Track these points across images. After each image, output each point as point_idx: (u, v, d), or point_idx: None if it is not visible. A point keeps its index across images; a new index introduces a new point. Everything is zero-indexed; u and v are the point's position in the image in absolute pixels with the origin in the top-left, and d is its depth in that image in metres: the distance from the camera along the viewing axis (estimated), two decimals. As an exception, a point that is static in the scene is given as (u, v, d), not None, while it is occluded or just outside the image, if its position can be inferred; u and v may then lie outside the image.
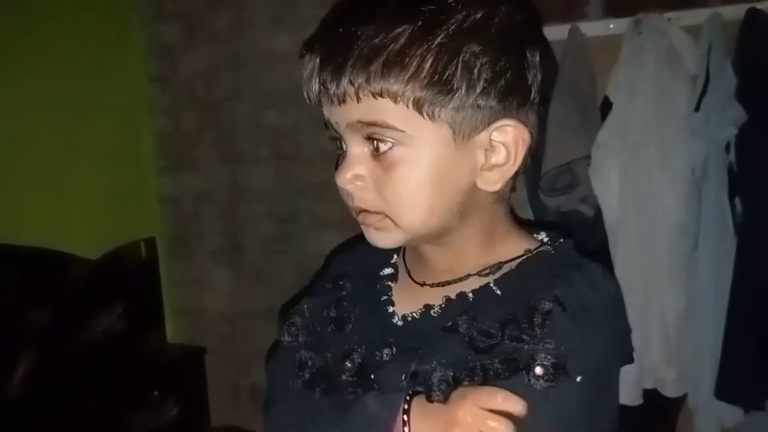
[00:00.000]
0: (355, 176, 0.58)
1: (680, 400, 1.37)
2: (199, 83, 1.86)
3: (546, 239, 0.65)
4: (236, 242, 1.89)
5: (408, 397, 0.56)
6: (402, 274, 0.68)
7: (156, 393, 1.72)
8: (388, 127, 0.55)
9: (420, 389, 0.57)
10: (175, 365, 1.88)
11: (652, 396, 1.34)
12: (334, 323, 0.67)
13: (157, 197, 1.91)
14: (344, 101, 0.55)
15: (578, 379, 0.55)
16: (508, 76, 0.55)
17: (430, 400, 0.56)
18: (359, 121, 0.56)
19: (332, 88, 0.55)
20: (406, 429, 0.55)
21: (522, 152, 0.58)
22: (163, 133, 1.91)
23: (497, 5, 0.56)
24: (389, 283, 0.67)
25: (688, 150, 1.28)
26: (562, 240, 0.65)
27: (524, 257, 0.62)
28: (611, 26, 1.39)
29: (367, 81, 0.54)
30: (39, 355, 1.50)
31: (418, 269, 0.67)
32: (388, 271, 0.69)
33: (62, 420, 1.48)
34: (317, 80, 0.56)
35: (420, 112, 0.54)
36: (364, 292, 0.68)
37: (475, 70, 0.54)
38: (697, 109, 1.26)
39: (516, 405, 0.52)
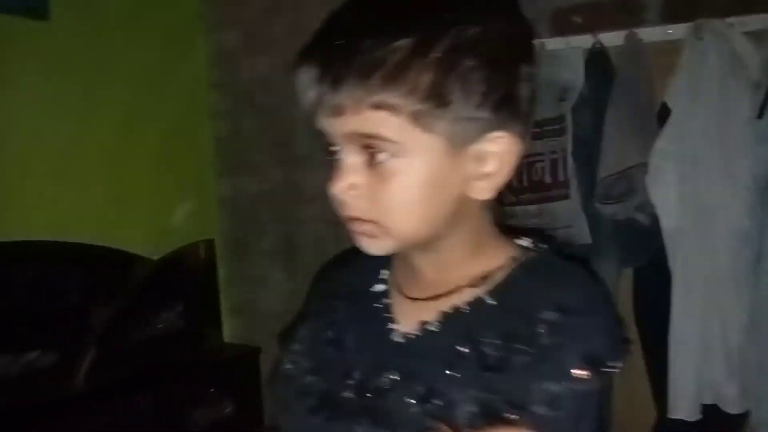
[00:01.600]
0: (351, 186, 0.58)
1: (742, 417, 1.32)
2: (257, 88, 1.91)
3: (529, 245, 0.65)
4: (292, 243, 1.93)
5: None
6: (393, 290, 0.68)
7: (212, 390, 1.77)
8: (385, 139, 0.56)
9: (435, 419, 0.57)
10: (231, 364, 1.93)
11: (711, 412, 1.30)
12: (332, 345, 0.68)
13: (216, 199, 1.98)
14: (342, 113, 0.56)
15: (610, 365, 0.57)
16: (501, 89, 0.57)
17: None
18: (356, 133, 0.57)
19: (330, 99, 0.56)
20: None
21: (513, 162, 0.59)
22: (222, 137, 1.97)
23: (492, 20, 0.58)
24: (385, 300, 0.67)
25: (751, 157, 1.24)
26: (543, 246, 0.65)
27: (513, 265, 0.63)
28: (669, 32, 1.36)
29: (367, 94, 0.55)
30: (103, 350, 1.56)
31: (408, 284, 0.67)
32: (380, 287, 0.69)
33: (123, 413, 1.55)
34: (315, 91, 0.57)
35: (416, 124, 0.55)
36: (358, 311, 0.68)
37: (471, 84, 0.55)
38: (760, 116, 1.22)
39: None
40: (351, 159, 0.58)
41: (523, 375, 0.56)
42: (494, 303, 0.60)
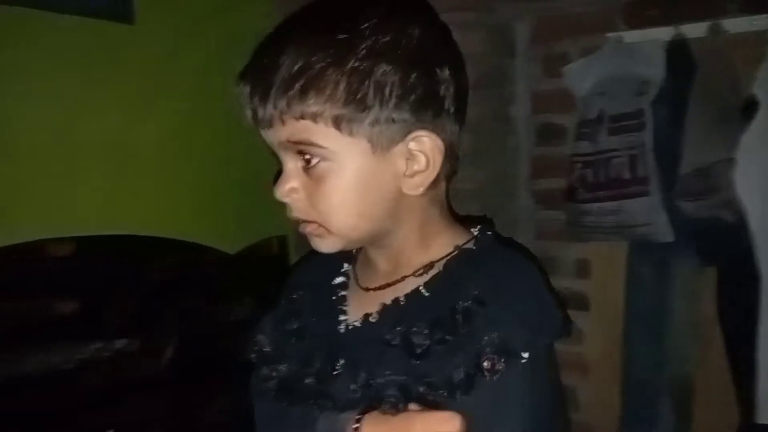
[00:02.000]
0: (291, 189, 0.64)
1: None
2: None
3: (476, 233, 0.70)
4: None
5: (360, 414, 0.60)
6: (351, 281, 0.73)
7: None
8: (311, 144, 0.61)
9: (373, 404, 0.61)
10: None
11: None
12: (293, 335, 0.72)
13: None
14: (272, 125, 0.62)
15: (525, 356, 0.59)
16: (418, 91, 0.61)
17: (381, 413, 0.60)
18: (288, 140, 0.62)
19: (260, 113, 0.62)
20: None
21: (439, 159, 0.64)
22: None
23: (405, 28, 0.62)
24: (342, 292, 0.72)
25: None
26: (484, 234, 0.69)
27: (451, 255, 0.67)
28: (754, 22, 1.32)
29: (288, 105, 0.60)
30: (183, 338, 1.63)
31: (365, 275, 0.72)
32: (339, 279, 0.74)
33: (201, 399, 1.61)
34: (249, 107, 0.63)
35: (339, 129, 0.60)
36: (317, 303, 0.73)
37: (386, 88, 0.59)
38: None
39: None
40: (290, 165, 0.64)
41: (443, 361, 0.61)
42: (428, 294, 0.65)
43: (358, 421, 0.60)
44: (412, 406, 0.60)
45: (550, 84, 1.57)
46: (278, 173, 0.67)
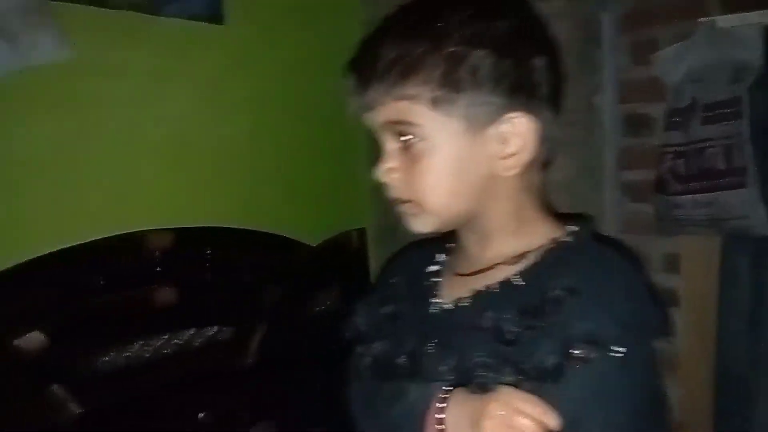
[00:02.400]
0: (390, 169, 0.68)
1: None
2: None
3: (574, 229, 0.70)
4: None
5: (447, 388, 0.63)
6: (446, 269, 0.76)
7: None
8: (410, 124, 0.65)
9: (462, 383, 0.64)
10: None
11: None
12: (388, 318, 0.76)
13: (369, 190, 2.06)
14: (374, 107, 0.66)
15: (619, 351, 0.59)
16: (512, 75, 0.64)
17: (469, 392, 0.62)
18: (387, 121, 0.66)
19: (364, 98, 0.67)
20: (441, 416, 0.61)
21: (532, 142, 0.66)
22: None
23: (500, 17, 0.65)
24: (434, 279, 0.76)
25: None
26: (582, 230, 0.70)
27: (546, 247, 0.68)
28: None
29: (389, 88, 0.64)
30: (270, 327, 1.69)
31: (458, 262, 0.75)
32: (433, 268, 0.77)
33: (287, 384, 1.67)
34: (354, 95, 0.68)
35: (436, 110, 0.64)
36: (412, 288, 0.77)
37: (481, 72, 0.63)
38: None
39: (551, 420, 0.56)
40: (389, 146, 0.68)
41: (532, 348, 0.62)
42: (521, 284, 0.67)
43: (446, 392, 0.63)
44: (500, 387, 0.61)
45: (637, 72, 1.53)
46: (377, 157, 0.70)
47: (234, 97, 1.66)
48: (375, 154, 2.14)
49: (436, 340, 0.69)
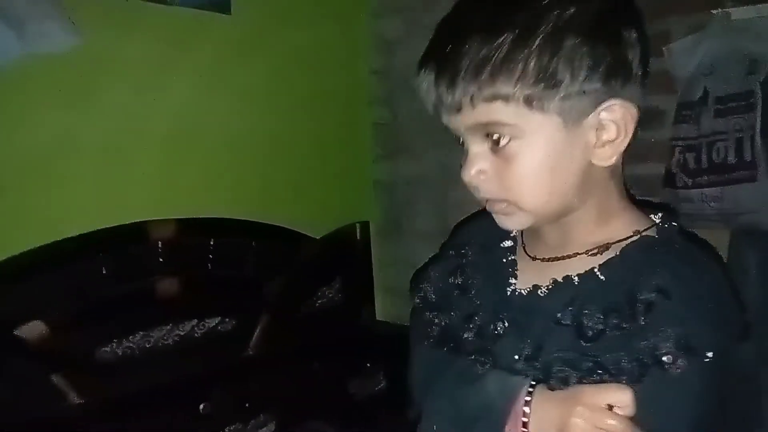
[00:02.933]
0: (479, 172, 0.64)
1: None
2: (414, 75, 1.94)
3: (658, 221, 0.67)
4: (445, 226, 1.94)
5: (531, 388, 0.60)
6: (518, 247, 0.73)
7: (368, 365, 1.84)
8: (503, 124, 0.61)
9: (540, 377, 0.62)
10: (383, 342, 1.98)
11: None
12: (458, 289, 0.73)
13: (373, 183, 2.04)
14: (461, 110, 0.61)
15: (708, 355, 0.57)
16: (608, 59, 0.59)
17: (551, 389, 0.60)
18: (477, 124, 0.62)
19: (448, 99, 0.62)
20: (525, 419, 0.59)
21: (631, 126, 0.62)
22: (380, 122, 2.03)
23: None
24: (512, 256, 0.72)
25: None
26: (667, 224, 0.67)
27: (630, 240, 0.65)
28: None
29: (479, 89, 0.59)
30: (272, 319, 1.67)
31: (531, 243, 0.72)
32: (508, 243, 0.74)
33: (290, 376, 1.65)
34: (434, 93, 0.63)
35: (530, 107, 0.59)
36: (485, 261, 0.74)
37: (576, 61, 0.58)
38: None
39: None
40: (476, 148, 0.64)
41: (616, 347, 0.59)
42: (603, 278, 0.63)
43: (532, 387, 0.60)
44: (584, 387, 0.59)
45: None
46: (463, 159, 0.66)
47: (239, 87, 1.65)
48: (380, 147, 2.12)
49: (507, 324, 0.67)
